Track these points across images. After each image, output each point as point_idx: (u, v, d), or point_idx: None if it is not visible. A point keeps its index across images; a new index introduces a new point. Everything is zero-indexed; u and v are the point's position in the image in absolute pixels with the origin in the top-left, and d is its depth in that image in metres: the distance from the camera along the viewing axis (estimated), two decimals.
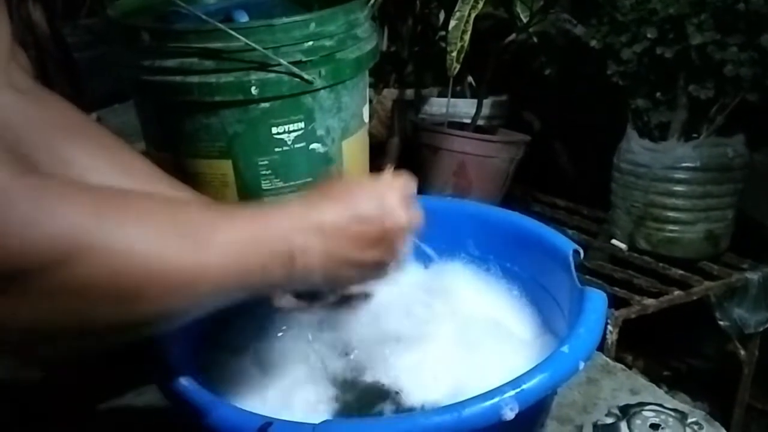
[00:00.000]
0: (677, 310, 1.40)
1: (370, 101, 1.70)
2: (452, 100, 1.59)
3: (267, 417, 0.52)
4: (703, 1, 1.19)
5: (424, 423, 0.53)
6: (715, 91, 1.24)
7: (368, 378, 0.69)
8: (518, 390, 0.54)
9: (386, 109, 1.76)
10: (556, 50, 1.58)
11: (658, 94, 1.30)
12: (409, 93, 1.78)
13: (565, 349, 0.59)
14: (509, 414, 0.53)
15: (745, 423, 1.50)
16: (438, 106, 1.68)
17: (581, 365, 0.59)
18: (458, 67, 1.32)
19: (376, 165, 1.05)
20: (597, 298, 0.66)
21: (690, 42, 1.19)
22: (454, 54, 1.30)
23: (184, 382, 0.57)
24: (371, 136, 1.09)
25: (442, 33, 1.60)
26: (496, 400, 0.54)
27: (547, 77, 1.64)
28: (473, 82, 1.76)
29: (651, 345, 1.66)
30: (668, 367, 1.72)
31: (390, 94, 1.78)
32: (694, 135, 1.31)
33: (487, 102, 1.66)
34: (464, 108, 1.64)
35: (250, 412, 0.54)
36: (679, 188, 1.33)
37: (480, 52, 1.64)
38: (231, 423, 0.53)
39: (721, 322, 1.36)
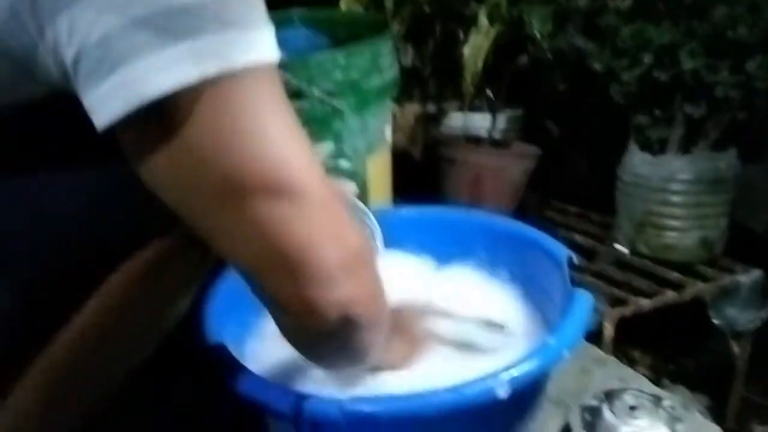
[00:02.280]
0: (683, 312, 1.49)
1: (394, 116, 1.80)
2: (469, 114, 1.68)
3: (299, 391, 0.63)
4: (694, 31, 1.28)
5: (431, 399, 0.64)
6: (708, 110, 1.33)
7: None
8: (510, 374, 0.64)
9: (409, 123, 1.86)
10: (568, 67, 1.67)
11: (656, 112, 1.39)
12: (431, 107, 1.89)
13: (551, 340, 0.70)
14: (502, 394, 0.64)
15: (742, 415, 1.58)
16: (457, 120, 1.78)
17: (566, 354, 0.69)
18: (472, 89, 1.41)
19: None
20: (583, 298, 0.75)
21: (683, 67, 1.28)
22: (469, 79, 1.40)
23: (223, 356, 0.67)
24: (394, 147, 1.20)
25: (462, 51, 1.72)
26: (491, 382, 0.64)
27: (560, 93, 1.73)
28: (491, 96, 1.85)
29: (657, 344, 1.75)
30: (673, 364, 1.80)
31: (412, 108, 1.87)
32: (691, 149, 1.40)
33: (502, 116, 1.75)
34: (481, 122, 1.74)
35: (283, 387, 0.65)
36: (675, 198, 1.42)
37: (498, 67, 1.73)
38: (264, 395, 0.63)
39: (715, 321, 1.45)
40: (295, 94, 0.98)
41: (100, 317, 0.57)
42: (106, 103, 0.42)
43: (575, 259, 0.84)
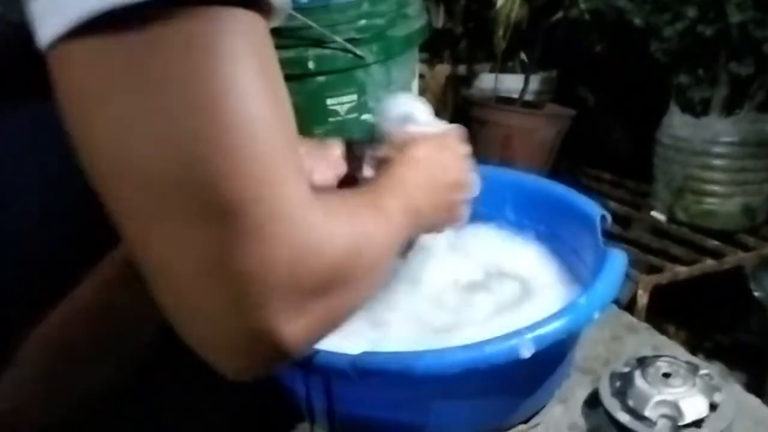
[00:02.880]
0: (722, 283, 1.43)
1: (423, 76, 1.77)
2: (501, 75, 1.64)
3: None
4: None
5: (451, 357, 0.61)
6: (755, 68, 1.26)
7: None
8: (535, 332, 0.61)
9: (439, 84, 1.82)
10: (606, 27, 1.61)
11: (699, 71, 1.33)
12: (462, 69, 1.84)
13: (582, 300, 0.66)
14: (526, 353, 0.60)
15: None
16: (488, 81, 1.73)
17: (596, 315, 0.65)
18: (504, 44, 1.36)
19: None
20: (616, 257, 0.71)
21: (730, 20, 1.21)
22: (501, 33, 1.35)
23: None
24: None
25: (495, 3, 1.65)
26: (514, 340, 0.61)
27: (597, 53, 1.66)
28: (525, 58, 1.80)
29: (693, 318, 1.69)
30: (710, 339, 1.75)
31: (443, 69, 1.83)
32: (736, 111, 1.34)
33: (536, 77, 1.70)
34: (513, 83, 1.69)
35: None
36: (717, 162, 1.36)
37: (533, 28, 1.68)
38: None
39: (755, 293, 1.39)
40: (316, 42, 0.94)
41: (99, 294, 0.53)
42: (45, 18, 0.37)
43: (608, 218, 0.80)
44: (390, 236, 0.53)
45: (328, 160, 0.72)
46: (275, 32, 0.94)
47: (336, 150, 0.73)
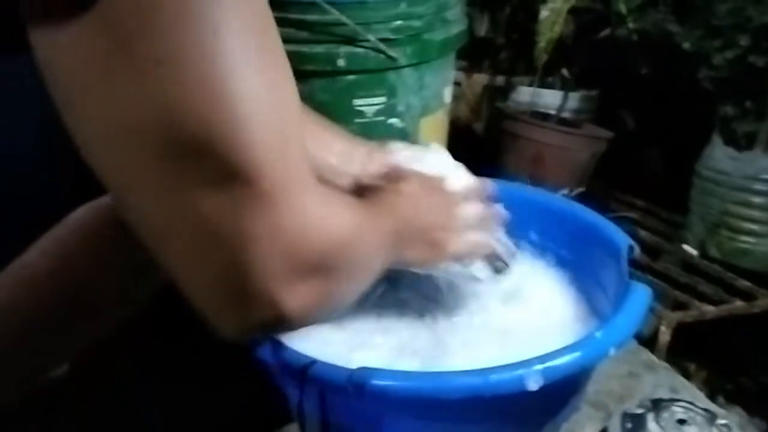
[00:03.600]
0: (750, 326, 1.37)
1: (459, 84, 1.73)
2: (539, 90, 1.60)
3: (310, 357, 0.58)
4: None
5: (453, 381, 0.58)
6: None
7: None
8: (544, 364, 0.57)
9: (475, 94, 1.79)
10: (653, 49, 1.57)
11: (747, 103, 1.28)
12: (501, 80, 1.80)
13: (598, 333, 0.62)
14: (533, 385, 0.57)
15: None
16: (526, 95, 1.69)
17: (612, 351, 0.61)
18: (545, 57, 1.33)
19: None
20: (640, 292, 0.68)
21: None
22: (543, 44, 1.32)
23: None
24: (457, 119, 1.13)
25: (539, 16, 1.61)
26: (521, 370, 0.57)
27: (642, 76, 1.62)
28: (567, 75, 1.76)
29: (717, 358, 1.64)
30: (732, 383, 1.69)
31: (481, 79, 1.79)
32: None
33: (575, 95, 1.66)
34: (552, 99, 1.65)
35: (296, 351, 0.59)
36: (757, 200, 1.30)
37: (577, 45, 1.64)
38: (277, 358, 0.59)
39: None
40: (348, 39, 0.91)
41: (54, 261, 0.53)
42: None
43: (636, 249, 0.77)
44: (379, 245, 0.55)
45: (381, 163, 0.70)
46: (309, 26, 0.91)
47: (395, 156, 0.72)
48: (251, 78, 0.38)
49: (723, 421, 0.69)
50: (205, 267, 0.41)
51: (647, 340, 1.18)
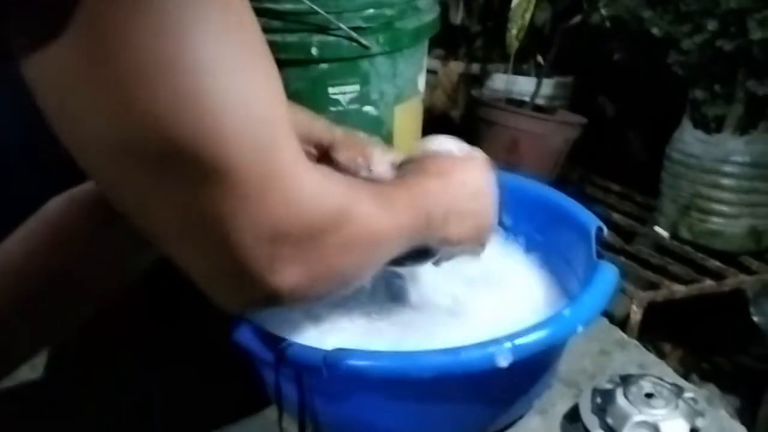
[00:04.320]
0: (721, 306, 1.40)
1: (435, 72, 1.74)
2: (513, 77, 1.61)
3: (285, 338, 0.59)
4: None
5: (424, 360, 0.59)
6: None
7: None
8: (514, 342, 0.59)
9: (452, 82, 1.80)
10: (626, 35, 1.58)
11: (716, 87, 1.30)
12: (476, 68, 1.81)
13: (566, 311, 0.64)
14: (503, 363, 0.58)
15: None
16: (501, 82, 1.71)
17: (580, 328, 0.63)
18: (517, 44, 1.34)
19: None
20: (608, 271, 0.69)
21: (751, 36, 1.18)
22: (514, 32, 1.33)
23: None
24: (434, 107, 1.13)
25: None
26: (492, 348, 0.58)
27: (616, 62, 1.64)
28: (541, 62, 1.77)
29: (690, 338, 1.66)
30: (706, 361, 1.72)
31: (457, 67, 1.80)
32: (750, 130, 1.30)
33: (550, 82, 1.67)
34: (526, 86, 1.66)
35: (270, 333, 0.60)
36: (726, 181, 1.33)
37: (550, 31, 1.65)
38: (251, 340, 0.60)
39: (755, 318, 1.36)
40: (320, 28, 0.92)
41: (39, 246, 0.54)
42: None
43: (605, 231, 0.78)
44: (389, 223, 0.53)
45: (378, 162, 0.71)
46: (282, 15, 0.91)
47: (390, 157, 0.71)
48: (232, 79, 0.39)
49: (690, 395, 0.71)
50: (201, 256, 0.44)
51: (620, 321, 1.20)
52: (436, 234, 0.61)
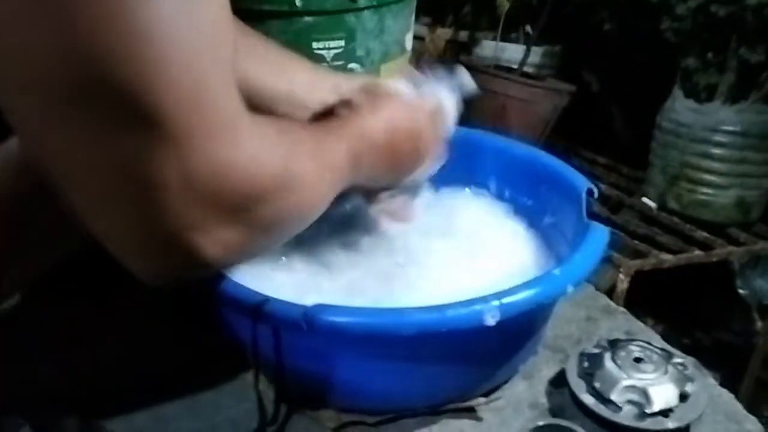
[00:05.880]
0: (707, 277, 1.39)
1: (423, 39, 1.71)
2: (502, 44, 1.59)
3: (264, 294, 0.57)
4: None
5: (409, 316, 0.56)
6: (766, 56, 1.21)
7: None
8: (502, 300, 0.57)
9: (438, 49, 1.77)
10: (617, 3, 1.56)
11: (709, 55, 1.28)
12: (464, 35, 1.78)
13: (556, 271, 0.62)
14: (490, 321, 0.56)
15: (756, 397, 1.49)
16: (489, 49, 1.68)
17: (570, 288, 0.61)
18: (507, 6, 1.31)
19: None
20: (599, 231, 0.68)
21: (746, 2, 1.16)
22: None
23: None
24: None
25: None
26: (479, 306, 0.56)
27: (605, 31, 1.61)
28: (530, 30, 1.75)
29: (674, 313, 1.66)
30: (689, 336, 1.72)
31: (444, 34, 1.78)
32: (741, 100, 1.29)
33: (538, 50, 1.65)
34: (515, 54, 1.63)
35: (250, 289, 0.57)
36: (717, 151, 1.31)
37: (541, 0, 1.62)
38: (231, 296, 0.57)
39: (741, 290, 1.36)
40: None
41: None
42: None
43: (595, 190, 0.76)
44: (325, 179, 0.52)
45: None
46: None
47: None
48: (169, 16, 0.36)
49: (679, 360, 0.69)
50: (117, 213, 0.40)
51: (606, 291, 1.19)
52: (364, 175, 0.60)
